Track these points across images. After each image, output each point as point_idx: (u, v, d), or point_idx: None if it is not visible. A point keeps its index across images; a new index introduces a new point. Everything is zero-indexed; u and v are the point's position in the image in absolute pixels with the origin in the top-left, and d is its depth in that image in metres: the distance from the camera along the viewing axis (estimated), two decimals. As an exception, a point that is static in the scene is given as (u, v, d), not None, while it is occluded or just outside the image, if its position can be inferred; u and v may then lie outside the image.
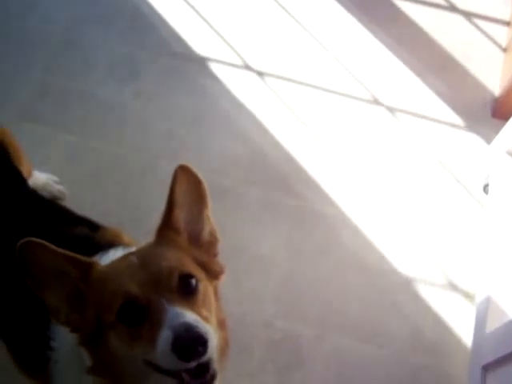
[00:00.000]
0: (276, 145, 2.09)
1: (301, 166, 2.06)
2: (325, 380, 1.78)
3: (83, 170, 2.02)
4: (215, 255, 1.20)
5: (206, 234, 1.18)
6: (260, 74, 2.22)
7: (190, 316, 0.99)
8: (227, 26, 2.30)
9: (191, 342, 0.96)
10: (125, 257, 1.12)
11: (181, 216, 1.14)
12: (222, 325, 1.16)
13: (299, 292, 1.87)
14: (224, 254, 1.88)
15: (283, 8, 2.36)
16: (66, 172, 1.97)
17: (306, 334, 1.82)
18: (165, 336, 0.97)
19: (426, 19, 2.37)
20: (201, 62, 2.23)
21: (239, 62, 2.23)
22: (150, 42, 2.26)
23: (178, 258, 1.09)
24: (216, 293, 1.18)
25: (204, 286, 1.10)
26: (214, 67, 2.22)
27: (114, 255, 1.21)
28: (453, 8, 2.39)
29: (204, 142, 2.08)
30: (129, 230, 1.38)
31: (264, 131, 2.11)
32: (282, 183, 2.03)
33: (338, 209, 2.00)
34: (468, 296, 1.88)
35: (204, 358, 0.99)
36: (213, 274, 1.17)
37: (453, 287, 1.90)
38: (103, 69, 2.20)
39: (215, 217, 1.93)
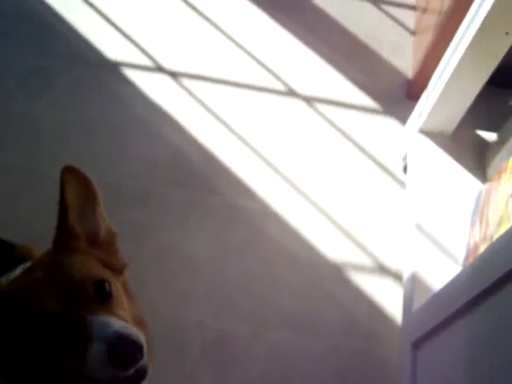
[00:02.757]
0: (195, 144, 2.07)
1: (221, 163, 2.04)
2: (263, 377, 1.75)
3: (1, 187, 1.95)
4: (116, 251, 1.15)
5: (103, 233, 1.13)
6: (173, 74, 2.19)
7: (117, 323, 0.96)
8: (137, 29, 2.27)
9: (129, 351, 0.94)
10: (26, 272, 1.05)
11: (76, 220, 1.08)
12: (140, 323, 1.12)
13: (230, 290, 1.85)
14: (151, 258, 1.87)
15: (191, 6, 2.34)
16: (-17, 192, 1.91)
17: (241, 331, 1.80)
18: (98, 349, 0.93)
19: (335, 7, 2.39)
20: (114, 68, 2.19)
21: (151, 65, 2.21)
22: (61, 52, 2.21)
23: (87, 265, 1.04)
24: (126, 288, 1.14)
25: (115, 286, 1.07)
26: (128, 72, 2.18)
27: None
28: (362, -5, 2.42)
29: (123, 147, 2.05)
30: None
31: (182, 131, 2.09)
32: (204, 182, 2.00)
33: (261, 203, 1.99)
34: (398, 278, 1.89)
35: (141, 363, 0.97)
36: (117, 270, 1.13)
37: (383, 270, 1.91)
38: (14, 83, 2.13)
39: (139, 221, 1.92)
